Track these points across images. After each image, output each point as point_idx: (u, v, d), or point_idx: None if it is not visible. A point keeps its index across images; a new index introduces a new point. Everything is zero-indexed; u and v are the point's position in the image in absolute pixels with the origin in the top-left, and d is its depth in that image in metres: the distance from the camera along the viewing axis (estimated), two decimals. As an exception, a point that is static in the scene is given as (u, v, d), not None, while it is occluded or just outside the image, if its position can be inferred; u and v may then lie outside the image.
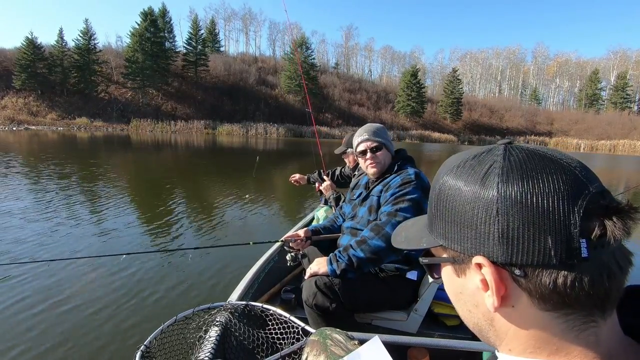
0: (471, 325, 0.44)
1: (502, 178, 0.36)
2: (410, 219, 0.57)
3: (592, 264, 0.33)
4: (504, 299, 0.37)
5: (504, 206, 0.35)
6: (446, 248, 0.42)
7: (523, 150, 0.38)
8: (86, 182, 7.98)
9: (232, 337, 1.30)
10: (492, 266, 0.36)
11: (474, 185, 0.38)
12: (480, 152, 0.41)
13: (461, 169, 0.40)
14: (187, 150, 20.57)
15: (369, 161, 1.86)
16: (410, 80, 62.07)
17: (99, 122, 41.34)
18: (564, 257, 0.33)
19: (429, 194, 0.45)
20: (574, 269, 0.33)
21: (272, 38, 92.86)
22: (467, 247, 0.38)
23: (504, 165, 0.37)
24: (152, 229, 4.86)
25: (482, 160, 0.39)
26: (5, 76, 43.53)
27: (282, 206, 6.71)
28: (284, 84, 57.49)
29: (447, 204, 0.40)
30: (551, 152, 0.38)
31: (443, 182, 0.42)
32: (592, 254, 0.33)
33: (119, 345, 2.30)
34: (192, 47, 55.65)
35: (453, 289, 0.44)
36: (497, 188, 0.36)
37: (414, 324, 1.80)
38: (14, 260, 3.48)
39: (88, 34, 48.22)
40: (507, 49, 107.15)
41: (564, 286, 0.34)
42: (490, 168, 0.38)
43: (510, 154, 0.38)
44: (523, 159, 0.37)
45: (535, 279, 0.35)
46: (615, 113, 68.74)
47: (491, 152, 0.40)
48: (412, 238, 0.49)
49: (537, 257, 0.34)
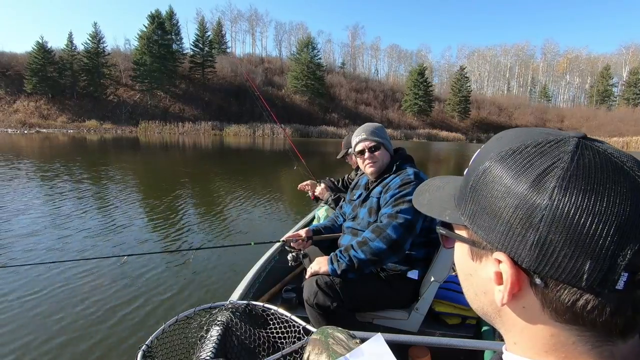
0: (475, 307, 0.42)
1: (561, 184, 0.31)
2: (439, 178, 0.52)
3: (621, 296, 0.31)
4: (515, 297, 0.35)
5: (551, 217, 0.31)
6: (468, 229, 0.39)
7: (598, 153, 0.33)
8: (93, 184, 8.09)
9: (234, 336, 1.30)
10: (513, 267, 0.34)
11: (524, 183, 0.33)
12: (545, 141, 0.35)
13: (515, 157, 0.35)
14: (194, 151, 20.73)
15: (367, 161, 1.86)
16: (417, 79, 61.70)
17: (108, 124, 41.95)
18: (595, 284, 0.30)
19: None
20: (600, 296, 0.31)
21: (278, 39, 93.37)
22: (493, 239, 0.35)
23: (569, 167, 0.32)
24: (154, 230, 4.92)
25: (545, 152, 0.34)
26: (17, 80, 44.42)
27: (282, 206, 6.72)
28: (291, 84, 57.61)
29: (487, 189, 0.36)
30: (630, 162, 0.32)
31: (490, 165, 0.37)
32: (627, 288, 0.30)
33: (121, 344, 2.34)
34: (199, 49, 56.05)
35: (464, 268, 0.42)
36: (551, 195, 0.31)
37: (415, 322, 1.79)
38: (15, 261, 3.54)
39: (97, 37, 48.95)
40: (515, 45, 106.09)
41: (582, 309, 0.32)
42: (551, 166, 0.32)
43: (582, 155, 0.32)
44: (594, 166, 0.32)
45: (554, 292, 0.32)
46: (628, 109, 67.58)
47: (559, 145, 0.34)
48: (436, 205, 0.45)
49: (567, 275, 0.31)
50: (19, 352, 2.25)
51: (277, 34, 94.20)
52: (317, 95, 57.40)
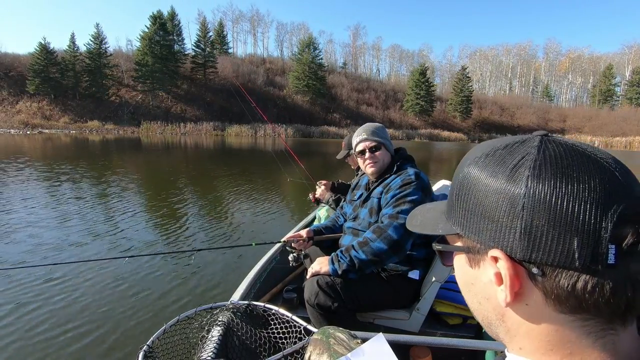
0: (480, 318, 0.42)
1: (533, 172, 0.34)
2: (429, 202, 0.55)
3: (617, 272, 0.31)
4: (517, 295, 0.36)
5: (530, 203, 0.33)
6: (462, 237, 0.41)
7: (561, 144, 0.36)
8: (95, 185, 8.13)
9: (235, 336, 1.30)
10: (509, 261, 0.35)
11: (501, 177, 0.36)
12: (513, 142, 0.38)
13: (489, 158, 0.38)
14: (196, 151, 20.77)
15: (368, 161, 1.86)
16: (418, 79, 61.58)
17: (110, 124, 42.01)
18: (588, 261, 0.31)
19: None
20: (596, 274, 0.32)
21: (279, 39, 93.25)
22: (485, 239, 0.37)
23: (537, 158, 0.35)
24: (156, 231, 4.95)
25: (514, 150, 0.37)
26: (19, 81, 44.58)
27: (283, 207, 6.73)
28: (292, 85, 57.60)
29: (470, 193, 0.39)
30: (591, 149, 0.35)
31: (468, 170, 0.40)
32: (619, 261, 0.31)
33: (122, 345, 2.35)
34: (200, 50, 56.09)
35: (465, 279, 0.43)
36: (527, 183, 0.34)
37: (416, 323, 1.79)
38: (18, 263, 3.55)
39: (99, 38, 49.03)
40: (517, 45, 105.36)
41: (583, 290, 0.32)
42: (522, 160, 0.35)
43: (546, 147, 0.36)
44: (560, 154, 0.34)
45: (553, 279, 0.33)
46: (631, 109, 67.08)
47: (525, 143, 0.37)
48: (428, 223, 0.47)
49: (559, 258, 0.32)
50: (19, 352, 2.26)
51: (279, 34, 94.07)
52: (318, 95, 57.38)
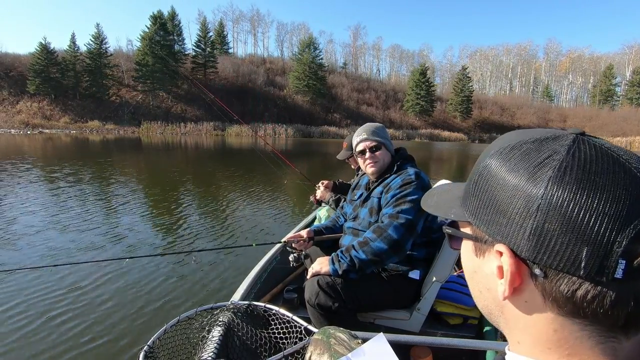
0: (480, 306, 0.43)
1: (557, 174, 0.32)
2: (448, 184, 0.53)
3: (622, 286, 0.31)
4: (516, 291, 0.36)
5: (546, 205, 0.32)
6: (472, 225, 0.41)
7: (595, 147, 0.34)
8: (95, 186, 8.14)
9: (235, 336, 1.30)
10: (512, 257, 0.35)
11: (522, 174, 0.34)
12: (544, 137, 0.36)
13: (514, 152, 0.36)
14: (196, 151, 20.77)
15: (368, 161, 1.86)
16: (419, 79, 61.64)
17: (111, 124, 42.06)
18: (593, 272, 0.30)
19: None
20: (599, 285, 0.31)
21: (279, 39, 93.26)
22: (494, 232, 0.36)
23: (565, 159, 0.33)
24: (156, 231, 4.95)
25: (542, 146, 0.35)
26: (20, 81, 44.66)
27: (284, 207, 6.73)
28: (292, 85, 57.65)
29: (487, 184, 0.38)
30: (626, 156, 0.33)
31: (490, 161, 0.38)
32: (627, 277, 0.30)
33: (123, 345, 2.34)
34: (201, 50, 56.17)
35: (469, 266, 0.43)
36: (547, 185, 0.32)
37: (416, 323, 1.79)
38: (16, 265, 3.55)
39: (99, 38, 49.15)
40: (517, 45, 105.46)
41: (582, 299, 0.32)
42: (548, 159, 0.34)
43: (578, 148, 0.33)
44: (590, 158, 0.32)
45: (554, 282, 0.33)
46: (631, 109, 67.01)
47: (557, 140, 0.35)
48: (442, 206, 0.47)
49: (564, 263, 0.31)
50: (20, 352, 2.26)
51: (279, 34, 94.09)
52: (318, 95, 57.41)
